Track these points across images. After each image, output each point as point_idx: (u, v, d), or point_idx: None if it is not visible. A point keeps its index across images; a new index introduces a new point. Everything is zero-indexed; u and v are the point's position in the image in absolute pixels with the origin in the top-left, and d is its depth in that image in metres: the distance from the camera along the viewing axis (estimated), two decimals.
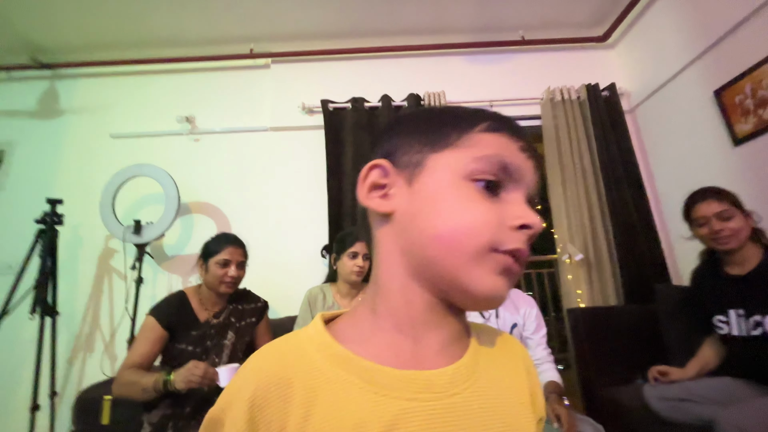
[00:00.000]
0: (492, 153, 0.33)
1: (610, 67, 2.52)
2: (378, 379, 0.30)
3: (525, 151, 0.35)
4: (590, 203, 2.16)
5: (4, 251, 2.22)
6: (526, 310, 1.44)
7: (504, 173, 0.33)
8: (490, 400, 0.33)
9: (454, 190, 0.32)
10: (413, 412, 0.29)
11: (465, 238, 0.31)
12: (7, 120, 2.47)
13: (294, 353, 0.32)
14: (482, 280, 0.31)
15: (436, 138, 0.35)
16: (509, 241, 0.31)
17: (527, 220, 0.32)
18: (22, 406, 1.81)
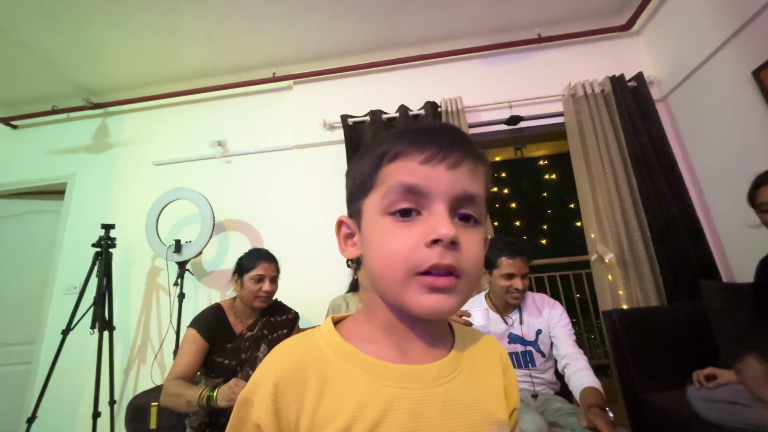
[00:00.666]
0: (394, 183, 0.36)
1: (636, 56, 2.40)
2: (376, 370, 0.36)
3: (430, 161, 0.35)
4: (622, 199, 2.06)
5: (70, 273, 2.48)
6: (550, 312, 1.40)
7: (412, 195, 0.35)
8: (471, 390, 0.38)
9: (376, 227, 0.37)
10: (405, 398, 0.35)
11: (389, 271, 0.35)
12: (69, 156, 2.78)
13: (310, 348, 0.38)
14: (415, 302, 0.34)
15: (363, 184, 0.39)
16: (425, 260, 0.33)
17: (436, 233, 0.33)
18: (86, 414, 2.00)
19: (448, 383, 0.37)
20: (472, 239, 0.36)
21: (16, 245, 2.70)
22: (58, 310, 2.41)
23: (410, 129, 0.39)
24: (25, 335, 2.52)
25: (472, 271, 0.36)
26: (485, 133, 2.40)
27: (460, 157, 0.36)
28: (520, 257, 1.36)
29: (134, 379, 2.26)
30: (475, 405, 0.38)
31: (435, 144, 0.36)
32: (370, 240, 0.38)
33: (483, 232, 0.39)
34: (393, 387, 0.35)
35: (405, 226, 0.35)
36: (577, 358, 1.29)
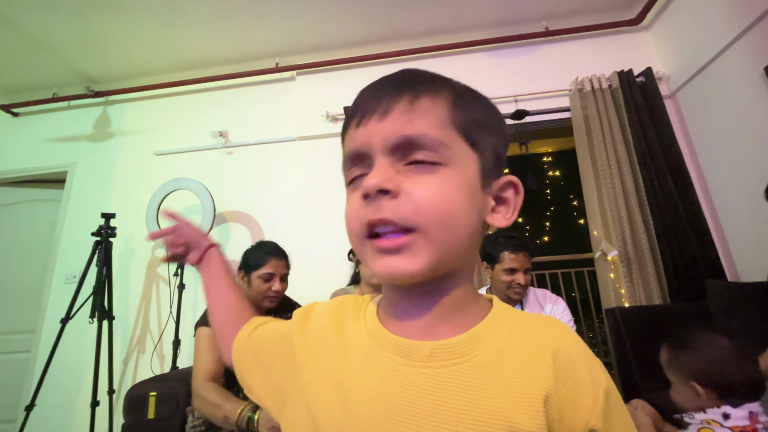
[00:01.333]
0: (343, 157, 0.36)
1: (645, 51, 2.36)
2: (376, 336, 0.35)
3: (361, 123, 0.33)
4: (627, 197, 2.03)
5: (70, 262, 2.47)
6: (552, 308, 1.39)
7: (357, 160, 0.34)
8: (479, 383, 0.30)
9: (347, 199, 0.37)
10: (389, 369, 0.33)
11: (351, 241, 0.35)
12: (69, 144, 2.76)
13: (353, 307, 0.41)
14: (373, 267, 0.33)
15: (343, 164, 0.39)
16: (362, 217, 0.32)
17: (361, 188, 0.32)
18: (84, 403, 2.00)
19: (443, 368, 0.31)
20: (424, 181, 0.31)
21: (16, 234, 2.69)
22: (57, 299, 2.40)
23: (362, 90, 0.36)
24: (25, 324, 2.51)
25: (429, 220, 0.30)
26: None
27: (389, 102, 0.32)
28: (523, 252, 1.35)
29: (133, 369, 2.26)
30: (485, 402, 0.29)
31: (367, 100, 0.34)
32: None
33: (452, 173, 0.32)
34: (382, 356, 0.33)
35: (354, 191, 0.34)
36: None
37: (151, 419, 1.35)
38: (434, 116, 0.32)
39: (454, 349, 0.32)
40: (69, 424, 2.18)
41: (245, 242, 2.40)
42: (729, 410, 0.77)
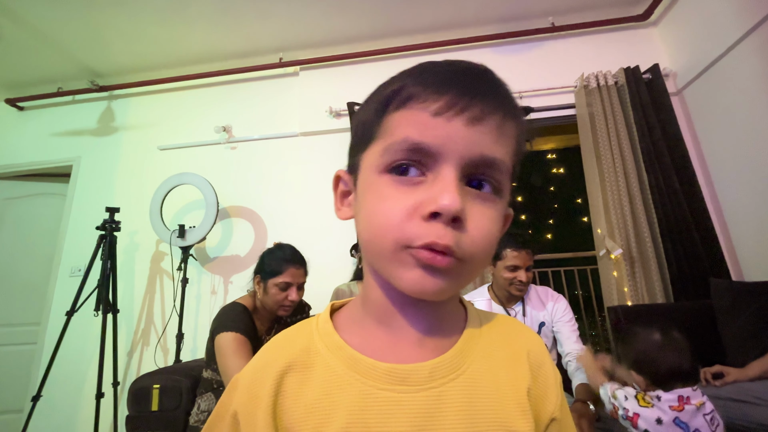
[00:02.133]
0: (399, 138, 0.29)
1: (652, 48, 2.33)
2: (360, 368, 0.32)
3: (444, 113, 0.28)
4: (631, 194, 2.02)
5: (75, 256, 2.50)
6: (554, 306, 1.39)
7: (419, 154, 0.29)
8: (478, 393, 0.31)
9: (371, 187, 0.31)
10: (386, 401, 0.30)
11: (378, 239, 0.30)
12: (74, 138, 2.77)
13: (301, 338, 0.35)
14: (401, 278, 0.29)
15: (365, 134, 0.33)
16: (418, 236, 0.28)
17: (434, 205, 0.27)
18: (89, 394, 2.03)
19: (445, 385, 0.31)
20: (485, 215, 0.29)
21: (22, 227, 2.72)
22: (62, 292, 2.43)
23: (429, 66, 0.31)
24: (31, 316, 2.54)
25: (479, 255, 0.29)
26: None
27: (485, 110, 0.29)
28: (526, 249, 1.35)
29: (137, 362, 2.29)
30: (483, 411, 0.30)
31: (456, 89, 0.29)
32: (363, 201, 0.32)
33: (501, 208, 0.31)
34: (374, 388, 0.30)
35: (403, 189, 0.29)
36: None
37: (154, 411, 1.36)
38: (512, 144, 0.31)
39: (452, 363, 0.32)
40: (74, 414, 2.21)
41: (248, 238, 2.42)
42: (661, 393, 0.91)
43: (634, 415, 0.91)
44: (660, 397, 0.91)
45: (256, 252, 2.39)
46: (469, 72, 0.31)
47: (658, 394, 0.91)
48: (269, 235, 2.40)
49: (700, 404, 0.89)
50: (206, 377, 1.33)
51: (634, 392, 0.96)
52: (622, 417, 0.93)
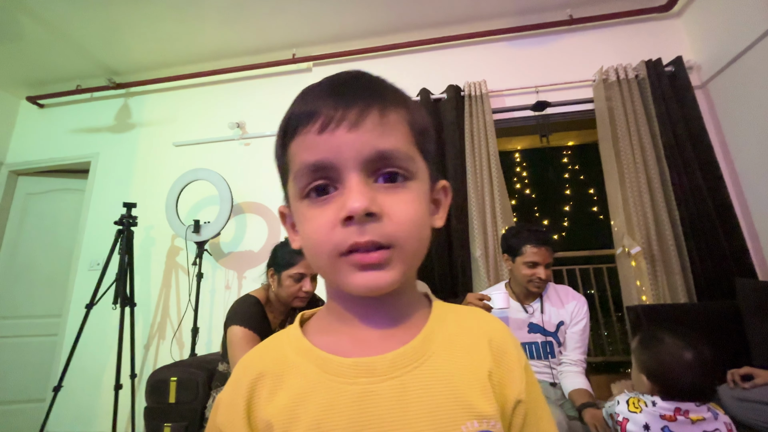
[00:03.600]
0: (299, 165, 0.32)
1: (675, 40, 2.26)
2: (327, 366, 0.33)
3: (325, 129, 0.31)
4: (652, 191, 1.96)
5: (94, 250, 2.55)
6: (575, 308, 1.36)
7: (321, 172, 0.31)
8: (441, 379, 0.33)
9: (298, 213, 0.34)
10: (351, 394, 0.32)
11: (316, 257, 0.33)
12: (93, 135, 2.82)
13: (274, 348, 0.37)
14: (349, 283, 0.32)
15: (282, 168, 0.36)
16: (343, 240, 0.30)
17: (344, 211, 0.30)
18: (108, 385, 2.07)
19: (408, 374, 0.32)
20: (401, 200, 0.32)
21: (43, 222, 2.79)
22: (82, 285, 2.48)
23: (308, 89, 0.34)
24: (52, 308, 2.61)
25: (407, 236, 0.31)
26: (510, 119, 2.32)
27: (361, 111, 0.31)
28: (546, 246, 1.32)
29: (154, 354, 2.33)
30: (447, 396, 0.32)
31: (330, 103, 0.31)
32: (299, 228, 0.35)
33: (418, 188, 0.33)
34: (342, 383, 0.32)
35: (322, 207, 0.32)
36: (578, 366, 1.33)
37: (171, 403, 1.38)
38: (402, 130, 0.33)
39: (414, 353, 0.33)
40: (94, 405, 2.26)
41: (262, 233, 2.43)
42: (657, 400, 0.89)
43: (623, 420, 0.90)
44: (655, 403, 0.88)
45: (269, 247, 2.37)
46: (340, 82, 0.34)
47: (654, 400, 0.89)
48: (282, 230, 2.41)
49: (697, 419, 0.85)
50: (221, 370, 1.35)
51: (627, 396, 0.93)
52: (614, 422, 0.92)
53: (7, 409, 2.48)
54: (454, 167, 2.17)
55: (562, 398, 1.28)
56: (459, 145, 2.19)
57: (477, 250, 2.00)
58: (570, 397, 1.24)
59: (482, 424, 0.31)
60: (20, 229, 2.74)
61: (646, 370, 0.93)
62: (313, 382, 0.33)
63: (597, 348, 3.15)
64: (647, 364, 0.93)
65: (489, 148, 2.14)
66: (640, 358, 0.95)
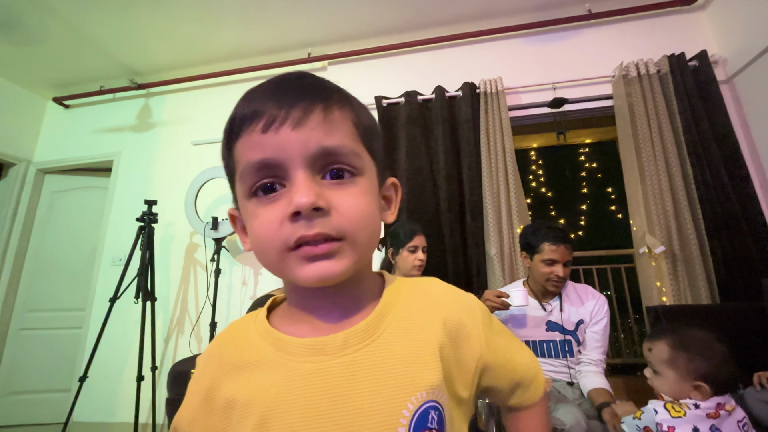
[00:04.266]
0: (243, 164, 0.33)
1: (699, 33, 2.19)
2: (285, 347, 0.35)
3: (269, 128, 0.32)
4: (674, 189, 1.91)
5: (116, 246, 2.63)
6: (595, 307, 1.34)
7: (267, 170, 0.32)
8: (391, 356, 0.34)
9: (246, 213, 0.35)
10: (305, 372, 0.33)
11: (264, 253, 0.34)
12: (115, 135, 2.91)
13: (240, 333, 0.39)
14: (299, 275, 0.32)
15: (228, 170, 0.37)
16: (290, 235, 0.31)
17: (291, 206, 0.31)
18: (130, 377, 2.13)
19: (358, 351, 0.34)
20: (348, 194, 0.33)
21: (68, 218, 2.89)
22: (105, 280, 2.56)
23: (251, 90, 0.35)
24: (77, 302, 2.70)
25: (356, 229, 0.33)
26: (526, 116, 2.30)
27: (305, 109, 0.32)
28: (564, 244, 1.31)
29: (173, 348, 2.39)
30: (397, 371, 0.33)
31: (274, 103, 0.32)
32: (247, 226, 0.36)
33: (366, 183, 0.35)
34: (297, 362, 0.34)
35: (269, 204, 0.33)
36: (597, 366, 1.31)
37: None
38: (347, 127, 0.34)
39: (365, 331, 0.35)
40: (116, 395, 2.33)
41: None
42: (697, 401, 0.87)
43: (669, 429, 0.85)
44: (698, 405, 0.86)
45: None
46: (283, 82, 0.34)
47: (696, 402, 0.86)
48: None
49: (731, 409, 0.86)
50: None
51: (662, 403, 0.89)
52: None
53: (35, 398, 2.58)
54: (468, 165, 2.15)
55: (581, 397, 1.27)
56: (474, 143, 2.18)
57: (492, 249, 1.99)
58: (589, 396, 1.22)
59: (429, 394, 0.33)
60: (46, 226, 2.85)
61: (704, 376, 0.88)
62: (270, 361, 0.34)
63: (614, 349, 3.09)
64: (704, 371, 0.88)
65: (505, 146, 2.12)
66: (691, 368, 0.89)
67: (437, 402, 0.33)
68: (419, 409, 0.32)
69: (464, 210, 2.13)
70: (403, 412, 0.32)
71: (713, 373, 0.88)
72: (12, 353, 2.62)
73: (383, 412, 0.32)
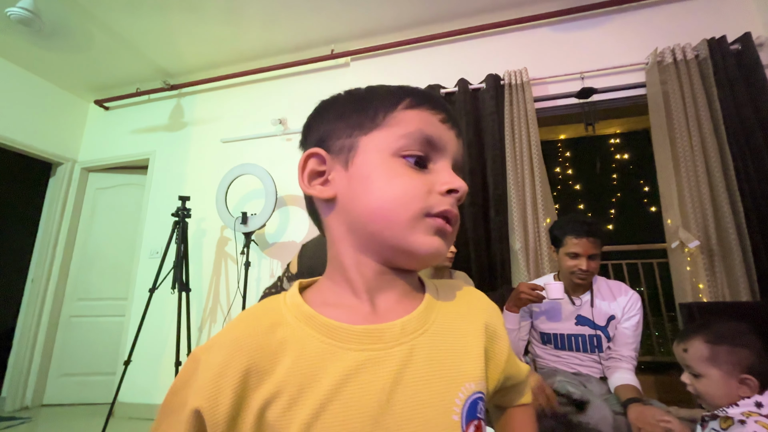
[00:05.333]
0: (415, 129, 0.37)
1: (742, 14, 2.05)
2: (335, 333, 0.34)
3: (446, 123, 0.38)
4: (712, 181, 1.82)
5: (153, 240, 2.78)
6: (628, 303, 1.31)
7: (428, 146, 0.37)
8: (441, 346, 0.36)
9: (384, 167, 0.36)
10: (364, 360, 0.33)
11: (398, 209, 0.35)
12: (150, 134, 3.06)
13: (269, 315, 0.36)
14: (421, 242, 0.35)
15: (363, 120, 0.38)
16: (438, 205, 0.36)
17: (453, 184, 0.36)
18: (168, 362, 2.27)
19: (414, 340, 0.35)
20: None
21: (109, 214, 3.08)
22: (144, 272, 2.73)
23: (421, 89, 0.40)
24: (120, 292, 2.89)
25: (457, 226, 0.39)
26: (553, 107, 2.24)
27: (460, 132, 0.41)
28: (588, 237, 1.28)
29: (207, 336, 2.52)
30: (447, 361, 0.35)
31: (447, 112, 0.39)
32: (371, 178, 0.36)
33: None
34: (352, 350, 0.33)
35: (416, 172, 0.36)
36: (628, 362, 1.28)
37: None
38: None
39: (420, 319, 0.36)
40: (156, 379, 2.49)
41: (303, 224, 2.53)
42: (759, 398, 0.79)
43: None
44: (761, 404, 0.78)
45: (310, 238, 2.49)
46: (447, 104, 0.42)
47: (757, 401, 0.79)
48: None
49: None
50: None
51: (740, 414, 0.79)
52: None
53: (84, 380, 2.80)
54: (493, 158, 2.13)
55: (608, 393, 1.25)
56: (498, 136, 2.15)
57: (517, 243, 1.97)
58: (616, 392, 1.20)
59: (477, 385, 0.36)
60: (91, 221, 3.05)
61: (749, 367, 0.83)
62: (319, 350, 0.33)
63: (645, 347, 2.99)
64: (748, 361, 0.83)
65: (531, 138, 2.08)
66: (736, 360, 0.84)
67: (483, 393, 0.36)
68: (470, 398, 0.34)
69: (488, 204, 2.12)
70: (455, 401, 0.34)
71: (758, 364, 0.82)
72: (63, 338, 2.85)
73: (439, 399, 0.33)
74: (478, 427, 0.35)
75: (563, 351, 1.36)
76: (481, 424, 0.35)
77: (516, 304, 1.32)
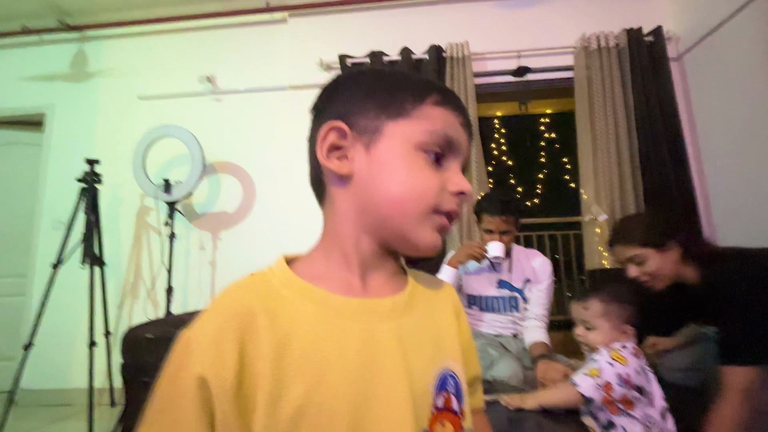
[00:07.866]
0: (440, 128, 0.38)
1: (658, 8, 2.25)
2: (330, 304, 0.35)
3: (464, 127, 0.40)
4: (621, 161, 2.04)
5: (56, 208, 2.43)
6: (540, 267, 1.45)
7: (447, 146, 0.39)
8: (426, 327, 0.40)
9: (406, 158, 0.37)
10: (359, 330, 0.35)
11: (414, 202, 0.37)
12: (44, 84, 2.59)
13: (261, 286, 0.36)
14: (425, 236, 0.37)
15: (392, 106, 0.38)
16: (447, 204, 0.38)
17: (464, 188, 0.38)
18: (82, 343, 2.06)
19: (400, 318, 0.38)
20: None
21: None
22: (46, 245, 2.38)
23: (446, 88, 0.42)
24: (16, 268, 2.51)
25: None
26: (491, 83, 2.30)
27: (471, 136, 0.43)
28: (501, 216, 1.37)
29: (128, 314, 2.32)
30: (432, 340, 0.39)
31: (467, 117, 0.41)
32: (393, 166, 0.37)
33: None
34: (347, 320, 0.35)
35: (433, 169, 0.38)
36: (540, 321, 1.42)
37: (149, 360, 1.40)
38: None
39: (406, 301, 0.39)
40: (69, 362, 2.26)
41: (236, 194, 2.38)
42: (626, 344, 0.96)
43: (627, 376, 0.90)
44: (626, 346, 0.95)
45: (244, 209, 2.36)
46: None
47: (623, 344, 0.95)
48: (257, 192, 2.36)
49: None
50: None
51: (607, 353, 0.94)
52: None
53: None
54: None
55: (522, 351, 1.40)
56: None
57: None
58: (529, 349, 1.35)
59: (454, 363, 0.40)
60: None
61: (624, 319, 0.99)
62: (315, 318, 0.34)
63: (558, 307, 3.39)
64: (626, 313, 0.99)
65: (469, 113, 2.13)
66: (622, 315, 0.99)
67: (453, 372, 0.39)
68: (443, 372, 0.38)
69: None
70: (431, 374, 0.37)
71: (635, 318, 0.99)
72: None
73: (421, 372, 0.36)
74: (447, 399, 0.38)
75: (486, 313, 1.48)
76: (451, 397, 0.38)
77: (459, 260, 1.39)
